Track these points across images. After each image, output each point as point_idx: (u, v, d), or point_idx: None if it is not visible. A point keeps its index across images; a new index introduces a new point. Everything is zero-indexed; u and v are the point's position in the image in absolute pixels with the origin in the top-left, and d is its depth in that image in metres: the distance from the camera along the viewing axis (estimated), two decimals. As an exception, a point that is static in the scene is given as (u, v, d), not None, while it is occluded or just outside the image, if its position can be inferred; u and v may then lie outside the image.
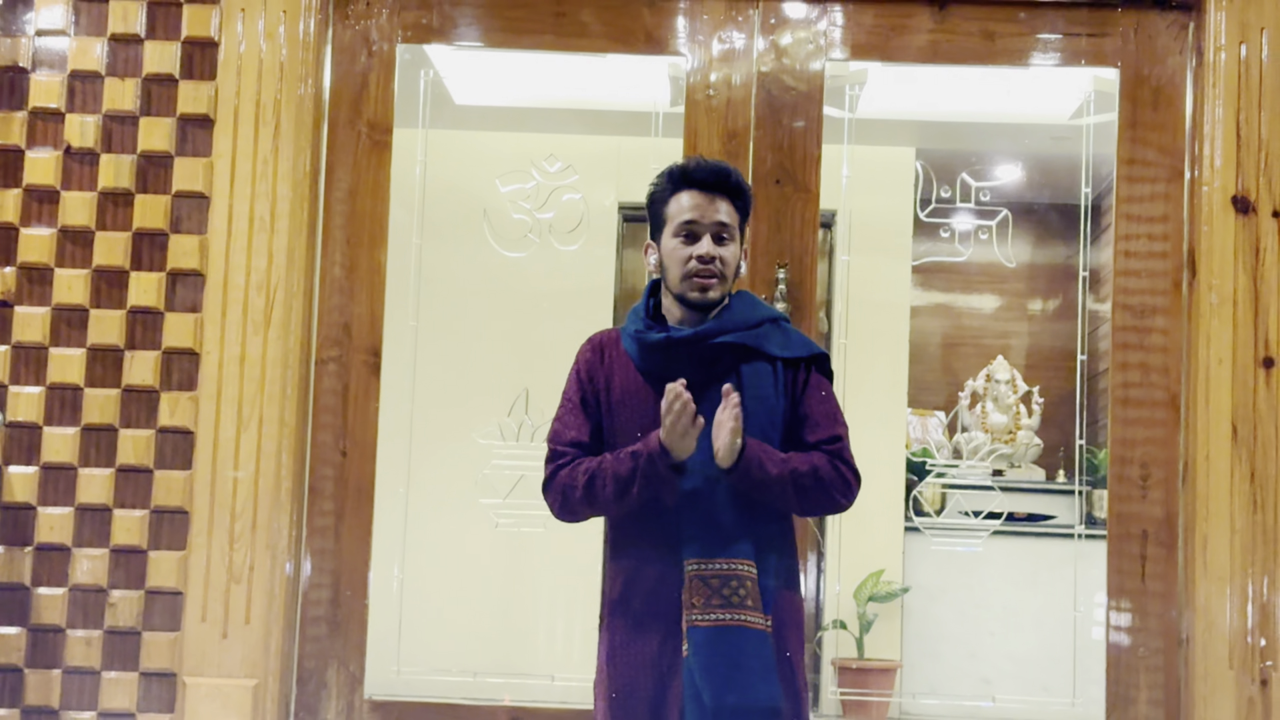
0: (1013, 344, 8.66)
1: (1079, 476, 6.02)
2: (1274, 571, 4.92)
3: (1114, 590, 5.16)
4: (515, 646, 6.58)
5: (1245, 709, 4.89)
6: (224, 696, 4.98)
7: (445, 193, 5.95)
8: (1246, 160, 5.07)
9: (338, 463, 5.22)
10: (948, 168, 5.89)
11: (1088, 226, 5.69)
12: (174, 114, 5.15)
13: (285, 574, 5.09)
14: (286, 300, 5.11)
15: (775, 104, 5.29)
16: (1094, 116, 5.65)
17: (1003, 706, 5.56)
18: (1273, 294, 5.01)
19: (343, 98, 5.33)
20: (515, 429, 5.61)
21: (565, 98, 6.84)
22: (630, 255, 7.38)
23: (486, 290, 6.58)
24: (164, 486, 5.05)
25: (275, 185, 5.13)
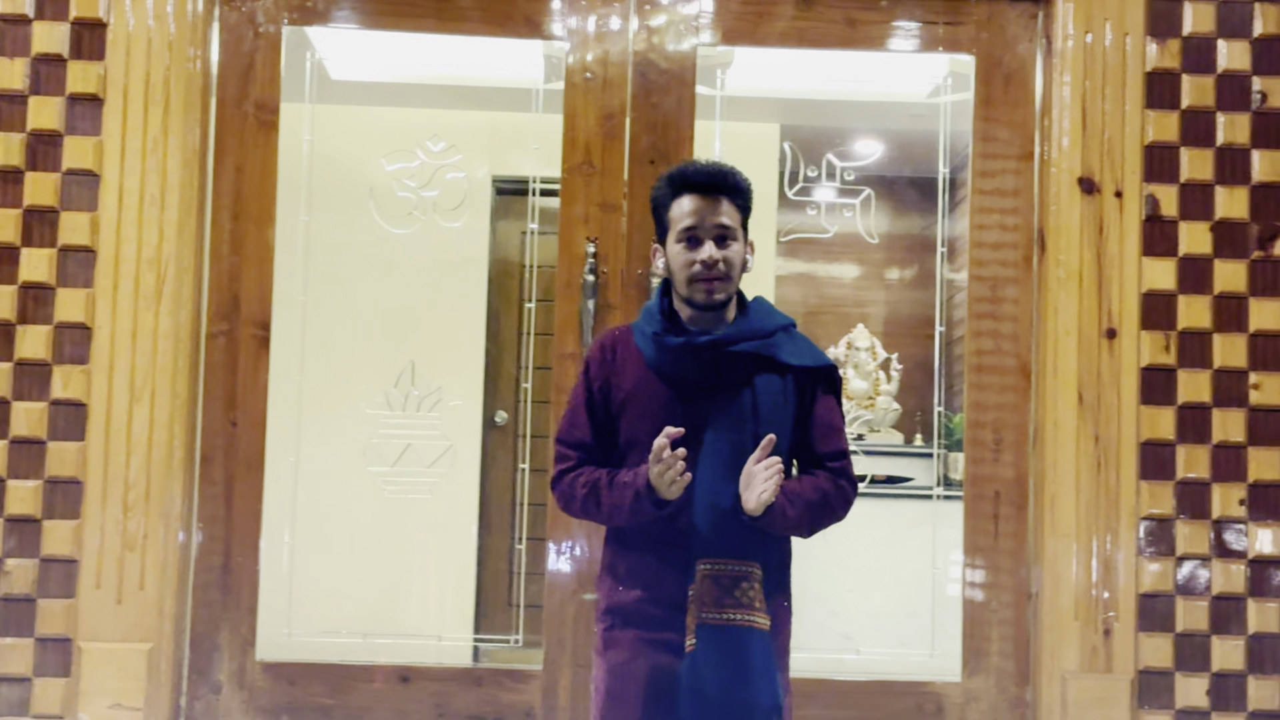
0: (871, 312, 8.83)
1: (936, 440, 6.24)
2: (1116, 529, 5.21)
3: (969, 548, 5.42)
4: (403, 609, 6.70)
5: (1089, 657, 5.18)
6: (119, 660, 5.10)
7: (331, 170, 6.02)
8: (1092, 143, 5.33)
9: (228, 433, 5.34)
10: (812, 145, 6.05)
11: (946, 202, 5.89)
12: (63, 93, 5.21)
13: (178, 541, 5.21)
14: (177, 275, 5.21)
15: (649, 86, 5.46)
16: (950, 96, 5.82)
17: (866, 659, 5.77)
18: (1115, 269, 5.28)
19: (230, 78, 5.42)
20: (402, 399, 5.72)
21: (443, 74, 6.91)
22: (502, 228, 7.51)
23: (373, 265, 6.64)
24: (58, 457, 5.13)
25: (165, 163, 5.22)
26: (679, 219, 3.39)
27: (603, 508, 3.37)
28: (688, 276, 3.39)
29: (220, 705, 5.27)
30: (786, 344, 3.46)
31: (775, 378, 3.41)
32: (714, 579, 3.30)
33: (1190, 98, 5.32)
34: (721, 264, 3.37)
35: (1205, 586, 5.20)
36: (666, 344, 3.39)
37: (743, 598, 3.30)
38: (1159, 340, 5.25)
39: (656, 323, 3.44)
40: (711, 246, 3.36)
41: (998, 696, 5.33)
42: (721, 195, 3.40)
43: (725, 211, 3.39)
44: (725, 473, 3.34)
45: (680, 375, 3.38)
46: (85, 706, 5.07)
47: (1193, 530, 5.21)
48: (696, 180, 3.40)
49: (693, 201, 3.38)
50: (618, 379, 3.45)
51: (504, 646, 6.21)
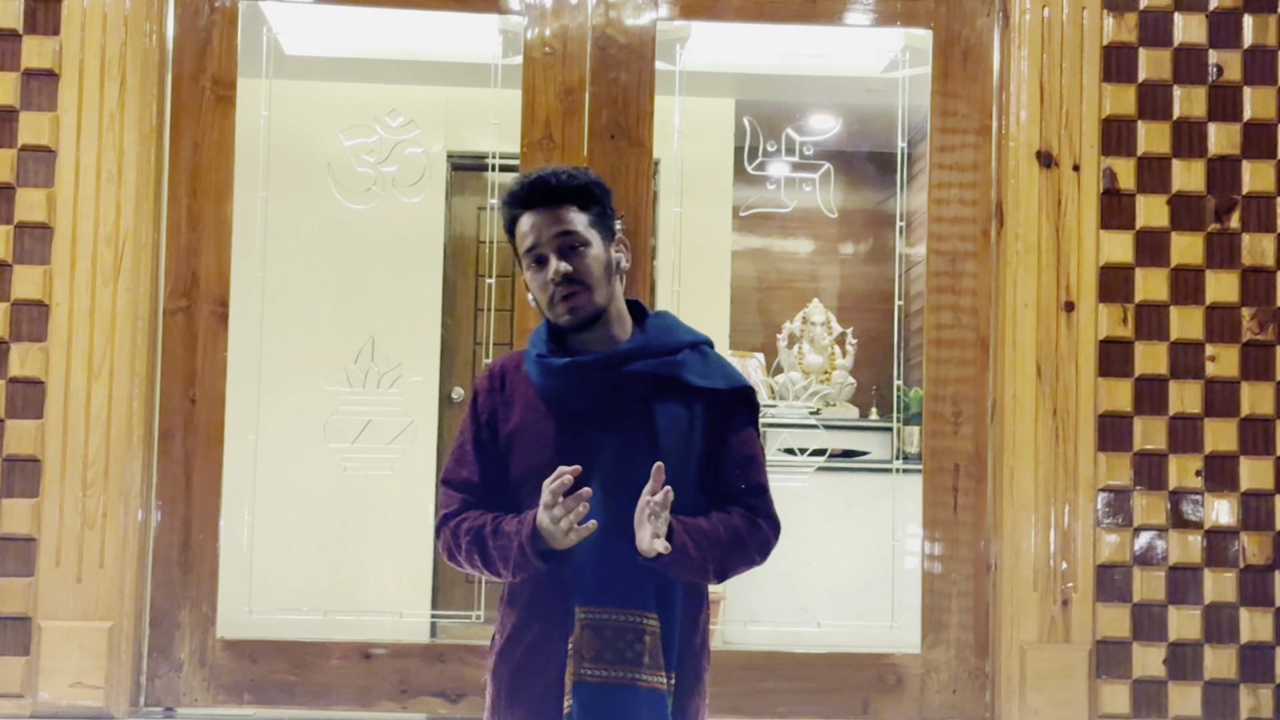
0: (826, 287, 8.87)
1: (896, 414, 6.28)
2: (1074, 501, 5.26)
3: (928, 521, 5.45)
4: (363, 585, 6.71)
5: (1048, 628, 5.23)
6: (79, 639, 5.07)
7: (289, 146, 5.99)
8: (1049, 117, 5.36)
9: (187, 410, 5.31)
10: (771, 120, 6.07)
11: (904, 176, 5.93)
12: (19, 69, 5.16)
13: (137, 519, 5.19)
14: (135, 252, 5.18)
15: (608, 60, 5.46)
16: (908, 70, 5.85)
17: (826, 632, 5.82)
18: (1073, 242, 5.32)
19: (186, 53, 5.38)
20: (362, 376, 5.71)
21: (400, 49, 6.91)
22: (458, 202, 7.51)
23: (331, 241, 6.64)
24: (15, 435, 5.10)
25: (122, 138, 5.18)
26: (521, 239, 3.02)
27: (489, 560, 2.94)
28: (546, 299, 3.00)
29: (182, 683, 5.25)
30: (694, 363, 3.03)
31: (679, 403, 2.98)
32: (595, 629, 2.85)
33: (1147, 71, 5.36)
34: (576, 275, 2.97)
35: (1162, 557, 5.25)
36: (551, 366, 2.99)
37: (627, 652, 2.84)
38: (1116, 313, 5.29)
39: (542, 345, 3.05)
40: (556, 260, 2.96)
41: (957, 667, 5.37)
42: (554, 203, 2.99)
43: (567, 219, 2.98)
44: (620, 506, 2.88)
45: (569, 403, 2.98)
46: (45, 685, 5.05)
47: (1150, 501, 5.26)
48: (525, 195, 3.01)
49: (530, 219, 3.00)
50: (505, 410, 3.04)
51: (464, 622, 6.22)
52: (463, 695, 5.29)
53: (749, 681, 5.35)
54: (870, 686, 5.39)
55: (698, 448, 2.99)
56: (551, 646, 2.92)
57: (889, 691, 5.38)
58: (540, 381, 3.01)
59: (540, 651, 2.94)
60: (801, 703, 5.37)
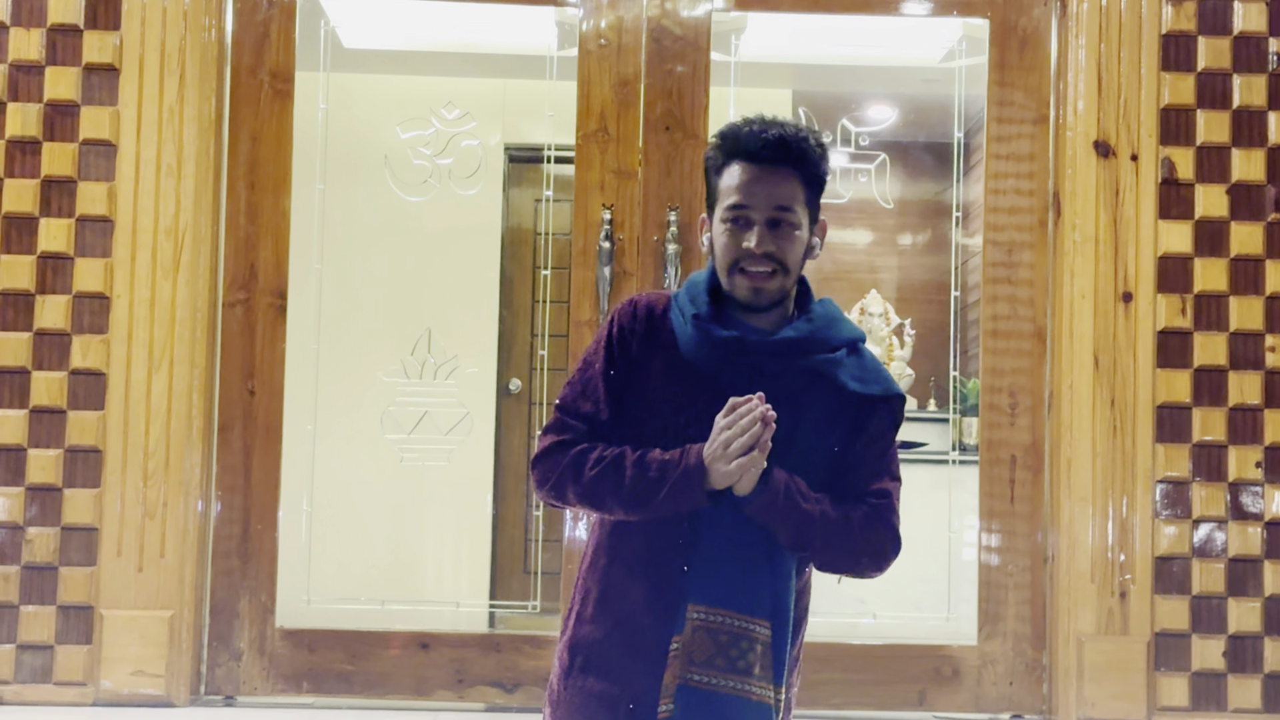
0: (883, 278, 8.83)
1: (952, 405, 6.25)
2: (1132, 492, 5.24)
3: (985, 512, 5.44)
4: (421, 576, 6.74)
5: (1105, 620, 5.21)
6: (140, 628, 5.13)
7: (347, 138, 6.02)
8: (1107, 106, 5.34)
9: (246, 402, 5.37)
10: (827, 110, 6.05)
11: (960, 166, 5.90)
12: (80, 63, 5.22)
13: (197, 509, 5.25)
14: (194, 245, 5.23)
15: (664, 52, 5.47)
16: (965, 60, 5.81)
17: (882, 623, 5.80)
18: (1131, 233, 5.30)
19: (245, 47, 5.43)
20: (418, 367, 5.74)
21: (457, 41, 6.92)
22: (515, 194, 7.52)
23: (388, 233, 6.64)
24: (78, 426, 5.17)
25: (182, 132, 5.24)
26: (727, 192, 2.75)
27: (623, 489, 2.70)
28: (729, 264, 2.76)
29: (241, 672, 5.31)
30: (851, 364, 2.83)
31: (832, 402, 2.80)
32: (708, 631, 2.66)
33: (1206, 60, 5.32)
34: (775, 255, 2.74)
35: (1221, 549, 5.22)
36: (711, 334, 2.75)
37: (740, 661, 2.66)
38: (1175, 303, 5.26)
39: (703, 305, 2.80)
40: (763, 232, 2.73)
41: (1014, 660, 5.36)
42: (783, 166, 2.73)
43: (787, 188, 2.73)
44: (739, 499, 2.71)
45: (717, 373, 2.76)
46: (107, 673, 5.11)
47: (1209, 493, 5.23)
48: (752, 146, 2.73)
49: (746, 172, 2.73)
50: (643, 354, 2.81)
51: (521, 612, 6.24)
52: (519, 685, 5.31)
53: (805, 673, 5.30)
54: (926, 678, 5.38)
55: (837, 452, 2.82)
56: (653, 641, 2.72)
57: (945, 683, 5.37)
58: (692, 345, 2.78)
59: (638, 643, 2.75)
60: (857, 694, 5.36)
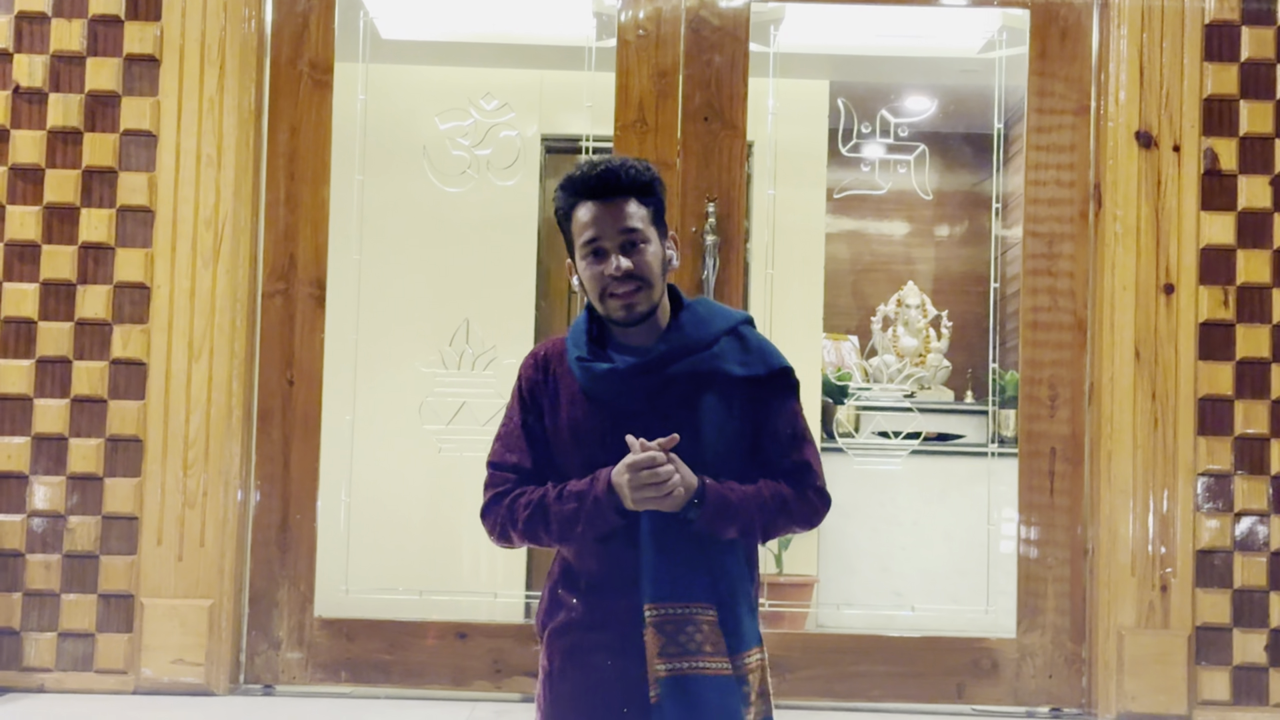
0: (921, 269, 8.81)
1: (991, 397, 6.23)
2: (1173, 485, 5.21)
3: (1024, 505, 5.41)
4: (458, 566, 6.76)
5: (1146, 613, 5.19)
6: (180, 616, 5.16)
7: (385, 129, 6.02)
8: (1149, 97, 5.31)
9: (285, 391, 5.39)
10: (865, 101, 6.03)
11: (1000, 157, 5.88)
12: (121, 54, 5.25)
13: (237, 499, 5.27)
14: (234, 235, 5.25)
15: (702, 42, 5.47)
16: (1005, 50, 5.79)
17: (921, 615, 5.78)
18: (1173, 224, 5.27)
19: (284, 38, 5.45)
20: (456, 358, 5.74)
21: (494, 32, 6.93)
22: (552, 185, 7.45)
23: (427, 224, 6.68)
24: (118, 416, 5.20)
25: (221, 123, 5.26)
26: (580, 230, 3.00)
27: (550, 525, 2.98)
28: (599, 291, 3.00)
29: (280, 661, 5.33)
30: (732, 352, 3.05)
31: (722, 391, 3.01)
32: (660, 625, 2.92)
33: (1250, 50, 5.28)
34: (635, 271, 2.97)
35: (1264, 542, 5.19)
36: (592, 370, 3.01)
37: (689, 643, 2.91)
38: (1217, 295, 5.23)
39: (583, 346, 3.06)
40: (618, 257, 2.96)
41: (1054, 653, 5.33)
42: (620, 196, 2.99)
43: (629, 213, 2.98)
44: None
45: (613, 402, 3.00)
46: (148, 662, 5.14)
47: (1251, 486, 5.20)
48: (590, 185, 2.99)
49: (590, 210, 2.98)
50: (551, 400, 3.08)
51: (558, 603, 6.24)
52: (557, 675, 5.31)
53: (842, 665, 5.34)
54: (965, 671, 5.36)
55: (745, 434, 3.03)
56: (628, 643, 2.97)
57: (984, 676, 5.35)
58: (584, 381, 3.03)
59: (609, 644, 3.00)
60: (895, 686, 5.35)
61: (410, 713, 5.15)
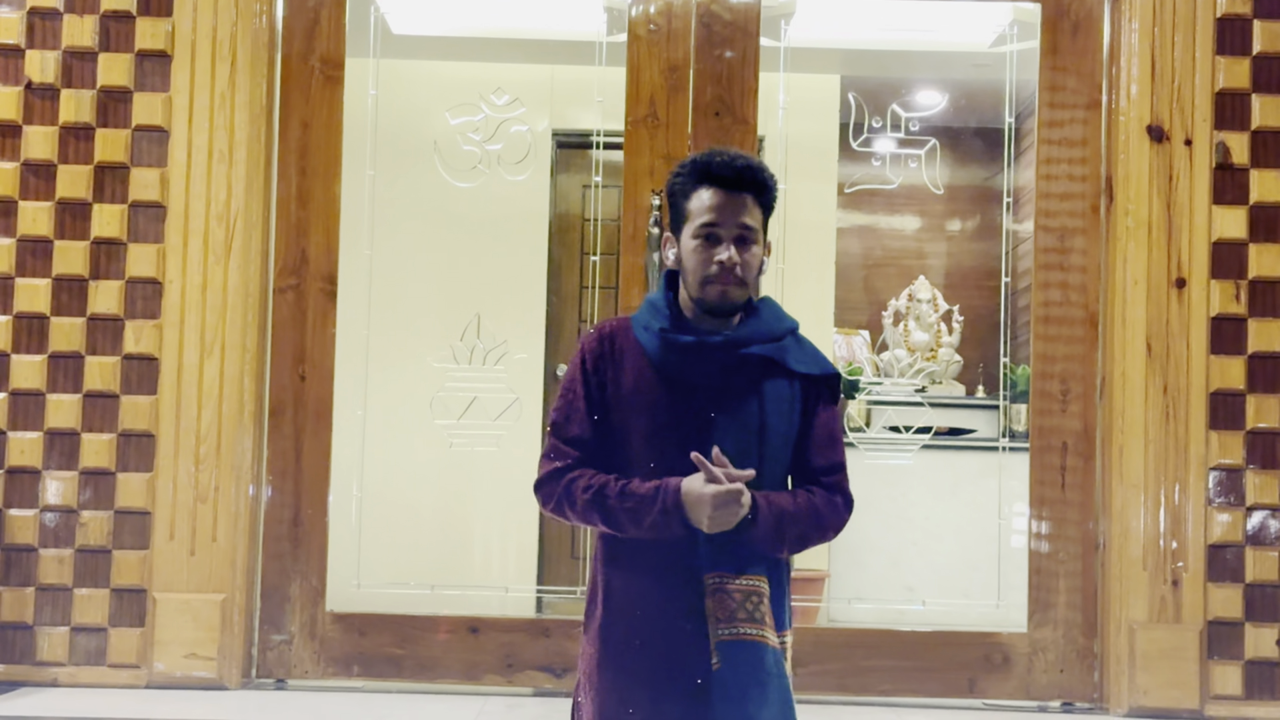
0: (932, 264, 8.79)
1: (1002, 392, 6.22)
2: (1185, 479, 5.20)
3: (1035, 500, 5.42)
4: (470, 560, 6.77)
5: (1158, 607, 5.18)
6: (193, 610, 5.17)
7: (396, 124, 6.03)
8: (1161, 91, 5.30)
9: (297, 387, 5.39)
10: (876, 96, 6.03)
11: (1011, 152, 5.87)
12: (132, 50, 5.27)
13: (249, 494, 5.28)
14: (246, 230, 5.26)
15: (713, 37, 5.47)
16: (1016, 44, 5.77)
17: (932, 610, 5.78)
18: (1185, 218, 5.26)
19: (295, 33, 5.46)
20: (468, 353, 5.75)
21: (505, 27, 6.93)
22: (563, 180, 7.52)
23: (438, 219, 6.68)
24: (131, 411, 5.21)
25: (233, 118, 5.27)
26: (699, 212, 3.10)
27: (609, 517, 3.08)
28: (703, 276, 3.10)
29: (292, 655, 5.34)
30: (794, 349, 3.20)
31: (783, 384, 3.16)
32: (725, 593, 3.05)
33: (1262, 43, 5.28)
34: (740, 268, 3.08)
35: (1275, 536, 5.18)
36: (675, 342, 3.12)
37: (755, 612, 3.06)
38: (1229, 289, 5.23)
39: (663, 318, 3.16)
40: (731, 248, 3.08)
41: (1065, 647, 5.33)
42: (747, 192, 3.10)
43: (750, 210, 3.10)
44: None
45: (686, 376, 3.12)
46: (160, 656, 5.16)
47: (1263, 480, 5.19)
48: (722, 173, 3.09)
49: (716, 196, 3.09)
50: (617, 373, 3.17)
51: (569, 598, 6.25)
52: (568, 670, 5.32)
53: (854, 659, 5.34)
54: (976, 665, 5.36)
55: (794, 426, 3.16)
56: (688, 610, 3.07)
57: (995, 670, 5.35)
58: (659, 354, 3.13)
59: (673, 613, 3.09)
60: (906, 681, 5.36)
61: (421, 707, 5.17)
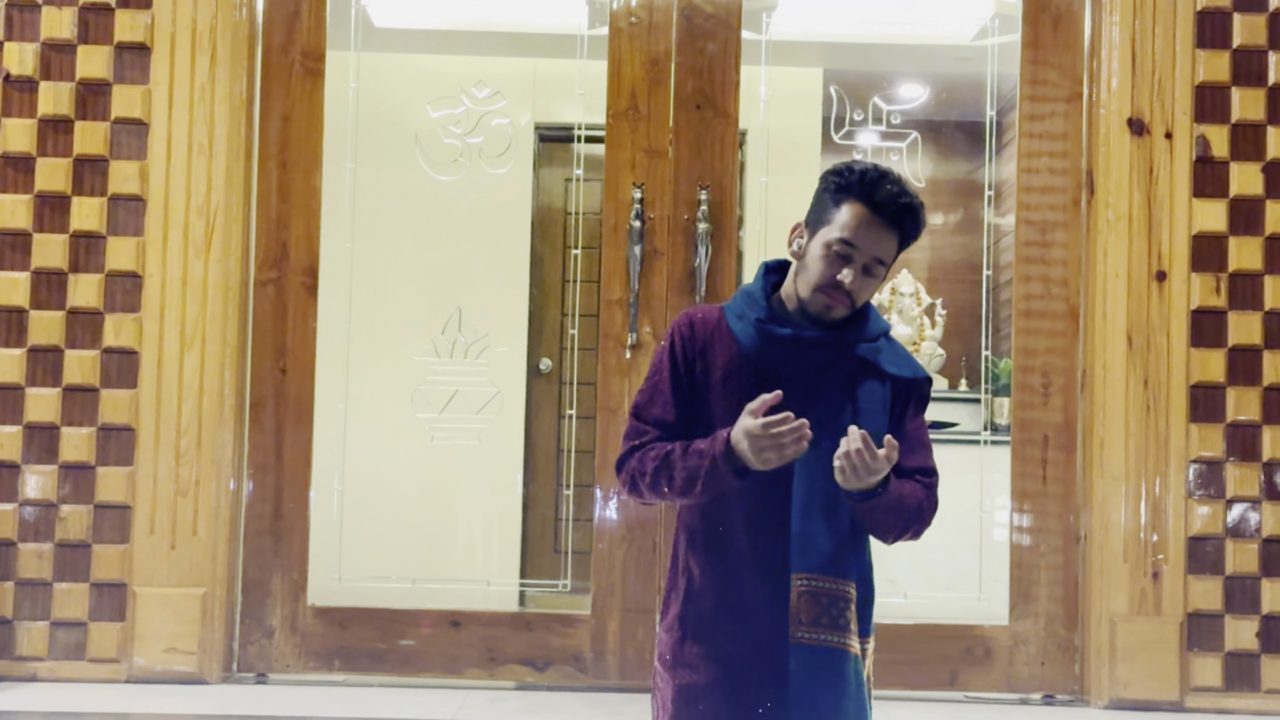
0: (915, 257, 8.80)
1: (984, 385, 6.23)
2: (1166, 472, 5.21)
3: (1017, 492, 5.42)
4: (452, 554, 6.77)
5: (1139, 600, 5.19)
6: (173, 605, 5.16)
7: (377, 117, 6.03)
8: (1141, 84, 5.30)
9: (278, 380, 5.38)
10: (858, 89, 6.03)
11: (993, 145, 5.87)
12: (111, 42, 5.24)
13: (229, 488, 5.26)
14: (226, 224, 5.25)
15: (695, 30, 5.46)
16: (997, 38, 5.79)
17: (914, 603, 5.78)
18: (1165, 211, 5.26)
19: (276, 26, 5.44)
20: (449, 346, 5.75)
21: (487, 20, 6.93)
22: (545, 173, 7.52)
23: (419, 212, 6.68)
24: (110, 405, 5.19)
25: (213, 111, 5.25)
26: (843, 226, 3.00)
27: (675, 480, 3.02)
28: (818, 285, 3.03)
29: (273, 649, 5.33)
30: (887, 351, 3.15)
31: (876, 385, 3.10)
32: (812, 595, 2.99)
33: (1242, 37, 5.28)
34: (856, 294, 3.02)
35: (1255, 529, 5.19)
36: (771, 333, 3.06)
37: (840, 619, 3.01)
38: (1209, 282, 5.23)
39: (761, 309, 3.10)
40: (858, 273, 3.01)
41: (1046, 640, 5.34)
42: (897, 228, 3.03)
43: (889, 246, 3.03)
44: (825, 481, 2.99)
45: (779, 368, 3.05)
46: (140, 650, 5.14)
47: (1243, 473, 5.20)
48: (881, 198, 3.00)
49: (868, 219, 3.00)
50: (706, 361, 3.12)
51: (551, 592, 6.25)
52: (550, 664, 5.32)
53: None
54: (958, 658, 5.37)
55: (882, 430, 3.07)
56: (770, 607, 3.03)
57: (977, 663, 5.36)
58: (754, 344, 3.09)
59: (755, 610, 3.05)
60: (888, 674, 5.33)
61: (403, 701, 5.16)
